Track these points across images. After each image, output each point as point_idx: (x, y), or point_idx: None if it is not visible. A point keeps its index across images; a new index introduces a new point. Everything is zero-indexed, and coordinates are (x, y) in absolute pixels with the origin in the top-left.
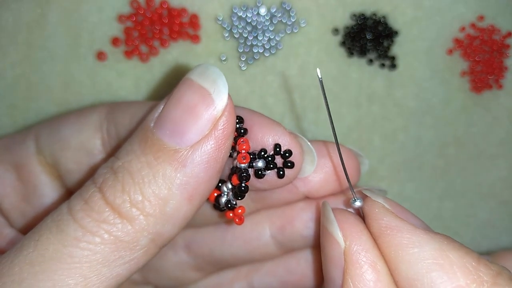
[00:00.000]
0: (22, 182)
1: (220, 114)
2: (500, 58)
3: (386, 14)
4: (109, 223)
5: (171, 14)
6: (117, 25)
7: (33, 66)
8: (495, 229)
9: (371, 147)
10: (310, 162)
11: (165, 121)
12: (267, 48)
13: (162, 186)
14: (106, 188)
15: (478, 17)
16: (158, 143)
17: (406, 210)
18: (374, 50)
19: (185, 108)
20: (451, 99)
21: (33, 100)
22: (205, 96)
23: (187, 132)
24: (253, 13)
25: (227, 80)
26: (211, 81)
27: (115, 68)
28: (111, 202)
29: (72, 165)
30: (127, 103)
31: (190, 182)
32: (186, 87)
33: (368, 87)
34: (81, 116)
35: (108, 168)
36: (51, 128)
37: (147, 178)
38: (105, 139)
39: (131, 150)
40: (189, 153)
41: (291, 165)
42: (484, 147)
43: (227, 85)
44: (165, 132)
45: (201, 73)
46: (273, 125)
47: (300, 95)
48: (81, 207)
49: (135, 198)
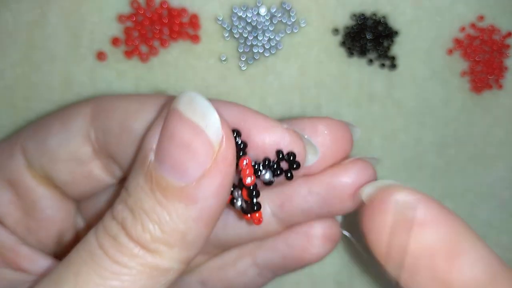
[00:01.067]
0: (20, 197)
1: (217, 147)
2: (500, 58)
3: (386, 14)
4: (141, 257)
5: (171, 14)
6: (117, 25)
7: (33, 66)
8: (495, 229)
9: (371, 147)
10: (312, 153)
11: (164, 158)
12: (267, 48)
13: (178, 222)
14: (128, 227)
15: (478, 17)
16: (162, 182)
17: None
18: (374, 50)
19: (180, 145)
20: (451, 99)
21: (33, 100)
22: (199, 132)
23: (189, 169)
24: (253, 13)
25: (227, 81)
26: (201, 115)
27: (115, 68)
28: (136, 239)
29: (66, 176)
30: (113, 103)
31: (204, 213)
32: (176, 122)
33: (368, 87)
34: (65, 123)
35: (123, 204)
36: (37, 140)
37: (162, 217)
38: (95, 145)
39: (138, 186)
40: (196, 189)
41: (297, 166)
42: (484, 147)
43: (217, 114)
44: (167, 169)
45: (188, 105)
46: (270, 127)
47: (300, 95)
48: (111, 244)
49: (156, 235)
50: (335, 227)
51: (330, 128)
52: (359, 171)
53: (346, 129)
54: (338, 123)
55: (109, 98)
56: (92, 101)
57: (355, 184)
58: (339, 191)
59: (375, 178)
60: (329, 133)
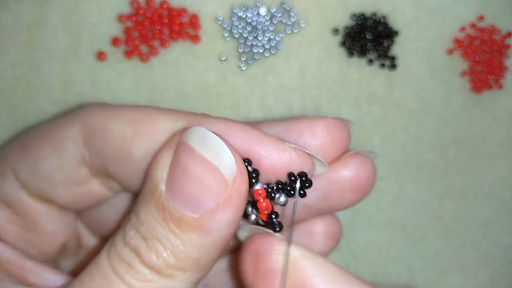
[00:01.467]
0: (19, 215)
1: (231, 183)
2: (500, 58)
3: (386, 14)
4: (155, 281)
5: (171, 14)
6: (117, 25)
7: (33, 66)
8: (495, 229)
9: (371, 147)
10: (320, 165)
11: (177, 190)
12: (267, 48)
13: (192, 250)
14: (142, 255)
15: (478, 17)
16: (176, 213)
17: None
18: (374, 50)
19: (193, 180)
20: (451, 99)
21: (33, 100)
22: (212, 170)
23: (202, 203)
24: (253, 13)
25: (227, 81)
26: (214, 153)
27: (115, 68)
28: (150, 266)
29: (65, 197)
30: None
31: (217, 242)
32: (189, 157)
33: (368, 87)
34: (56, 147)
35: (135, 231)
36: (29, 165)
37: (176, 245)
38: (91, 167)
39: (150, 214)
40: (210, 220)
41: (309, 185)
42: (484, 147)
43: (230, 152)
44: (180, 201)
45: (200, 142)
46: (280, 151)
47: (300, 95)
48: (126, 270)
49: (170, 261)
50: (336, 224)
51: (328, 129)
52: (358, 165)
53: (344, 126)
54: (335, 122)
55: (99, 119)
56: (80, 120)
57: (355, 178)
58: (339, 185)
59: (374, 172)
60: (328, 134)
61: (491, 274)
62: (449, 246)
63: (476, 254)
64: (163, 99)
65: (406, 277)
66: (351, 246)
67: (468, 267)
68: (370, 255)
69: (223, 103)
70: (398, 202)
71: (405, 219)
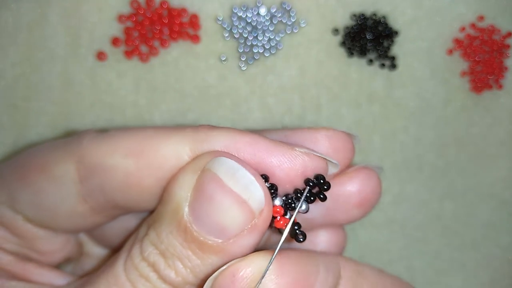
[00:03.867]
0: (16, 236)
1: (258, 214)
2: (500, 58)
3: (386, 14)
4: None
5: (171, 14)
6: (117, 25)
7: (33, 66)
8: (495, 229)
9: (371, 147)
10: (333, 166)
11: (201, 216)
12: (267, 48)
13: (211, 270)
14: (161, 271)
15: (478, 17)
16: (199, 236)
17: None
18: (374, 50)
19: (219, 210)
20: (451, 99)
21: (33, 100)
22: (241, 203)
23: (227, 231)
24: (253, 13)
25: (227, 81)
26: (243, 187)
27: (115, 68)
28: (168, 281)
29: (67, 226)
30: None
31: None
32: (216, 187)
33: (368, 87)
34: (53, 182)
35: (153, 247)
36: (28, 196)
37: (196, 264)
38: (93, 204)
39: (171, 234)
40: (233, 246)
41: (327, 187)
42: (484, 147)
43: (261, 188)
44: (204, 226)
45: (230, 175)
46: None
47: (300, 95)
48: (144, 284)
49: (189, 279)
50: (341, 234)
51: (330, 140)
52: (363, 179)
53: (347, 139)
54: (338, 133)
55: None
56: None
57: (360, 193)
58: (344, 200)
59: (380, 186)
60: (330, 145)
61: (491, 274)
62: (449, 246)
63: (476, 254)
64: (163, 99)
65: (406, 277)
66: (351, 246)
67: (468, 267)
68: (370, 255)
69: (223, 103)
70: (398, 202)
71: (405, 219)
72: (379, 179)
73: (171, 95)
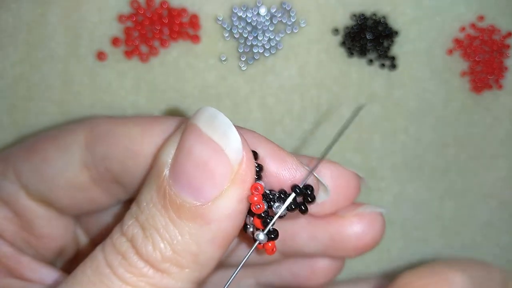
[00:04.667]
0: (17, 215)
1: (237, 168)
2: (500, 58)
3: (386, 14)
4: (150, 277)
5: (171, 14)
6: (117, 25)
7: (33, 66)
8: (495, 229)
9: (371, 147)
10: (324, 190)
11: (180, 175)
12: (267, 48)
13: (190, 243)
14: (138, 245)
15: (478, 17)
16: (177, 199)
17: None
18: (374, 50)
19: (197, 163)
20: (451, 99)
21: (33, 100)
22: (218, 152)
23: (205, 189)
24: (253, 13)
25: (228, 81)
26: (221, 134)
27: (115, 68)
28: (145, 258)
29: (66, 201)
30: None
31: (218, 236)
32: (195, 138)
33: (368, 87)
34: (61, 150)
35: (134, 220)
36: (32, 165)
37: (174, 236)
38: (94, 174)
39: (151, 202)
40: (212, 210)
41: (312, 200)
42: (484, 147)
43: (238, 134)
44: (182, 187)
45: (208, 122)
46: (286, 159)
47: (300, 95)
48: (120, 262)
49: (167, 254)
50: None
51: (334, 175)
52: (366, 225)
53: (352, 179)
54: (343, 171)
55: (104, 123)
56: (84, 125)
57: (360, 238)
58: (342, 242)
59: (382, 232)
60: (333, 182)
61: None
62: (449, 246)
63: (476, 254)
64: (163, 99)
65: None
66: None
67: None
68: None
69: (223, 103)
70: (398, 202)
71: (405, 219)
72: (383, 224)
73: (171, 95)
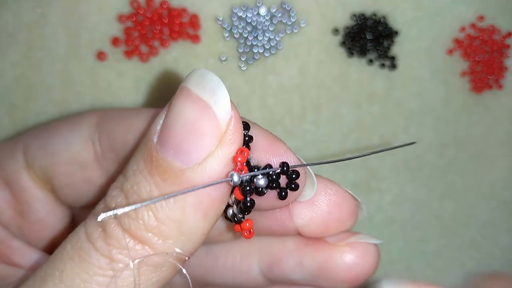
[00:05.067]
0: (15, 197)
1: (225, 128)
2: (500, 58)
3: (386, 14)
4: (131, 249)
5: (171, 14)
6: (117, 25)
7: (33, 66)
8: (495, 229)
9: (371, 147)
10: (310, 186)
11: (167, 138)
12: (267, 48)
13: (174, 208)
14: (120, 215)
15: (478, 17)
16: (163, 163)
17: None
18: (374, 50)
19: (185, 123)
20: (451, 99)
21: (33, 100)
22: (206, 109)
23: (192, 151)
24: (253, 13)
25: (227, 81)
26: (210, 91)
27: (115, 68)
28: (127, 228)
29: (65, 179)
30: (119, 111)
31: (203, 201)
32: (184, 99)
33: (368, 87)
34: (71, 126)
35: (118, 190)
36: (40, 141)
37: (158, 202)
38: (98, 151)
39: (137, 170)
40: (197, 173)
41: (295, 187)
42: (484, 147)
43: (228, 93)
44: (169, 150)
45: (197, 81)
46: (279, 143)
47: (300, 95)
48: (99, 235)
49: (150, 223)
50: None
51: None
52: (358, 256)
53: (347, 197)
54: (339, 190)
55: (117, 109)
56: (99, 111)
57: (351, 270)
58: (331, 273)
59: (376, 264)
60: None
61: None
62: (449, 246)
63: (476, 254)
64: (163, 99)
65: (406, 277)
66: None
67: (468, 267)
68: None
69: None
70: (398, 202)
71: (405, 219)
72: (376, 258)
73: (171, 95)
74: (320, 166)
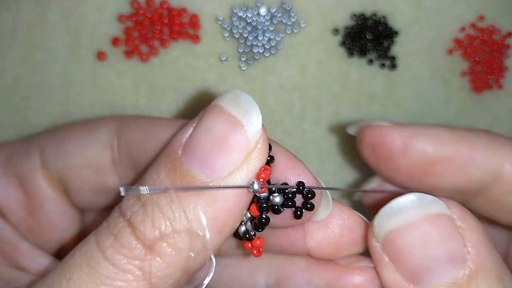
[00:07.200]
0: (27, 196)
1: (253, 146)
2: (500, 58)
3: (386, 14)
4: (141, 259)
5: (171, 14)
6: (117, 25)
7: (33, 66)
8: None
9: None
10: (325, 206)
11: (194, 151)
12: (267, 48)
13: (193, 221)
14: (136, 223)
15: (478, 17)
16: (187, 175)
17: None
18: (374, 50)
19: (215, 138)
20: (451, 99)
21: (33, 100)
22: (237, 127)
23: (218, 165)
24: (253, 13)
25: (227, 81)
26: (244, 111)
27: (115, 68)
28: (142, 238)
29: (80, 183)
30: (137, 118)
31: (221, 216)
32: (216, 115)
33: (368, 87)
34: (89, 130)
35: (135, 199)
36: (57, 142)
37: (177, 213)
38: (115, 156)
39: (158, 179)
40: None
41: (310, 207)
42: None
43: (260, 114)
44: (195, 163)
45: (232, 100)
46: (298, 162)
47: (300, 95)
48: (111, 244)
49: (166, 232)
50: None
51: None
52: (366, 280)
53: (360, 222)
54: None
55: (135, 116)
56: (118, 116)
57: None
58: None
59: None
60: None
61: None
62: None
63: None
64: (163, 99)
65: None
66: None
67: None
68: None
69: None
70: None
71: None
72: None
73: (171, 95)
74: (320, 166)
